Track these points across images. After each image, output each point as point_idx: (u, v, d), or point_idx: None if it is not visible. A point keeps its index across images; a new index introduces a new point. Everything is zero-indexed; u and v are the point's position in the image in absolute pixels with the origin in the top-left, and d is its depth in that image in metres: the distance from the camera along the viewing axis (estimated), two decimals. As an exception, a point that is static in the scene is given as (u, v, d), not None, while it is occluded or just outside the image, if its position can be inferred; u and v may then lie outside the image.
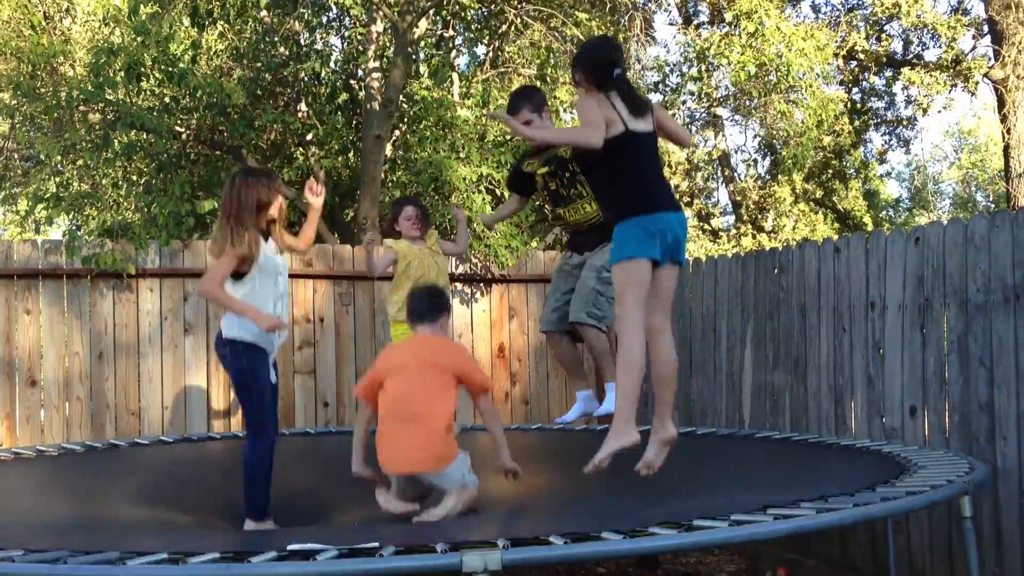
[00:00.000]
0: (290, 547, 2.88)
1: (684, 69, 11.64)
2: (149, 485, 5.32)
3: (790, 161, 12.59)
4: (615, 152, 3.98)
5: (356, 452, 4.61)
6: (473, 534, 4.57)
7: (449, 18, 10.04)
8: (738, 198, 15.80)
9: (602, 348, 5.00)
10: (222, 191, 4.70)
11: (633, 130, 3.99)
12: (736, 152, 17.30)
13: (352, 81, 10.10)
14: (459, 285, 7.74)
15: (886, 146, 17.78)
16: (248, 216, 4.58)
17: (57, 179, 10.27)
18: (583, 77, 4.07)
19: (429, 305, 4.61)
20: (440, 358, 4.46)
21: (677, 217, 4.05)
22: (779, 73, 9.78)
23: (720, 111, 14.40)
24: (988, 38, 13.75)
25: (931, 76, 13.17)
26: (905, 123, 16.57)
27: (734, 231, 15.59)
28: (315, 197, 5.09)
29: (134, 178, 10.03)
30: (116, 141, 8.23)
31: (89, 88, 7.94)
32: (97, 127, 8.39)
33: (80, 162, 9.02)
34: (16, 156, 11.62)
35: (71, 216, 10.36)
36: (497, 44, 10.38)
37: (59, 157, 9.12)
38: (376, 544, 2.86)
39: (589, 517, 4.53)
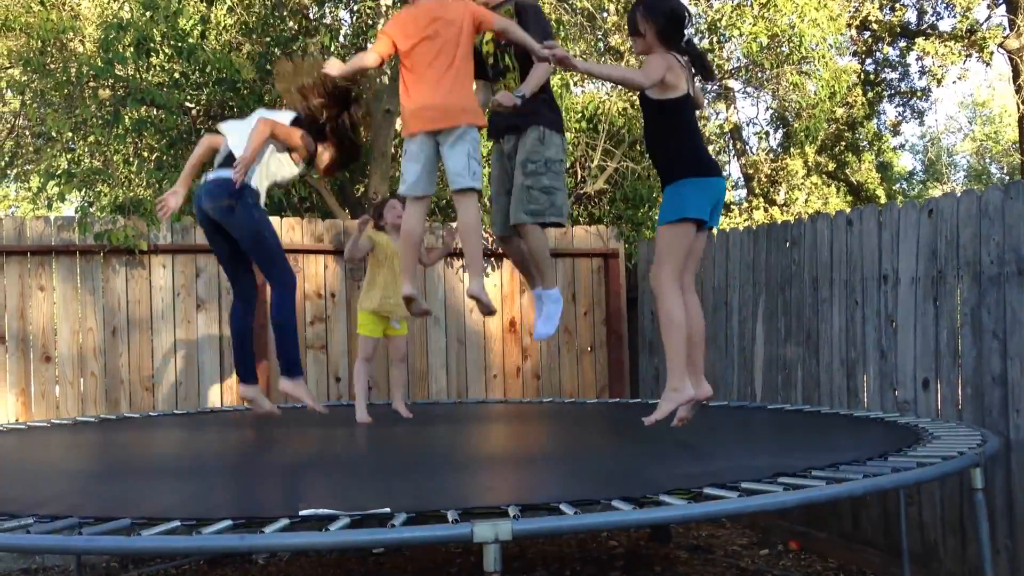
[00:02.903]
0: (302, 512, 2.90)
1: (695, 41, 11.55)
2: (161, 460, 5.36)
3: (802, 133, 12.51)
4: (676, 114, 3.96)
5: None
6: (484, 506, 4.60)
7: (458, -9, 9.97)
8: (750, 171, 15.71)
9: (541, 248, 4.71)
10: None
11: (690, 94, 4.00)
12: (748, 125, 17.20)
13: (362, 55, 10.05)
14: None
15: (900, 118, 17.65)
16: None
17: (68, 156, 10.28)
18: (653, 30, 3.95)
19: None
20: (451, 16, 4.38)
21: (723, 183, 4.09)
22: (791, 44, 9.70)
23: (732, 83, 14.29)
24: (1003, 7, 13.60)
25: (945, 46, 13.05)
26: (919, 94, 16.45)
27: (746, 204, 15.54)
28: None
29: (145, 154, 10.03)
30: (126, 117, 8.23)
31: (99, 64, 7.93)
32: (107, 103, 8.40)
33: (91, 138, 9.02)
34: (27, 133, 11.62)
35: (83, 193, 10.37)
36: (507, 17, 10.30)
37: (70, 133, 9.12)
38: (388, 510, 2.88)
39: (601, 490, 4.55)
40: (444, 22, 4.36)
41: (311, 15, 9.81)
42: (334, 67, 4.61)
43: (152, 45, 8.11)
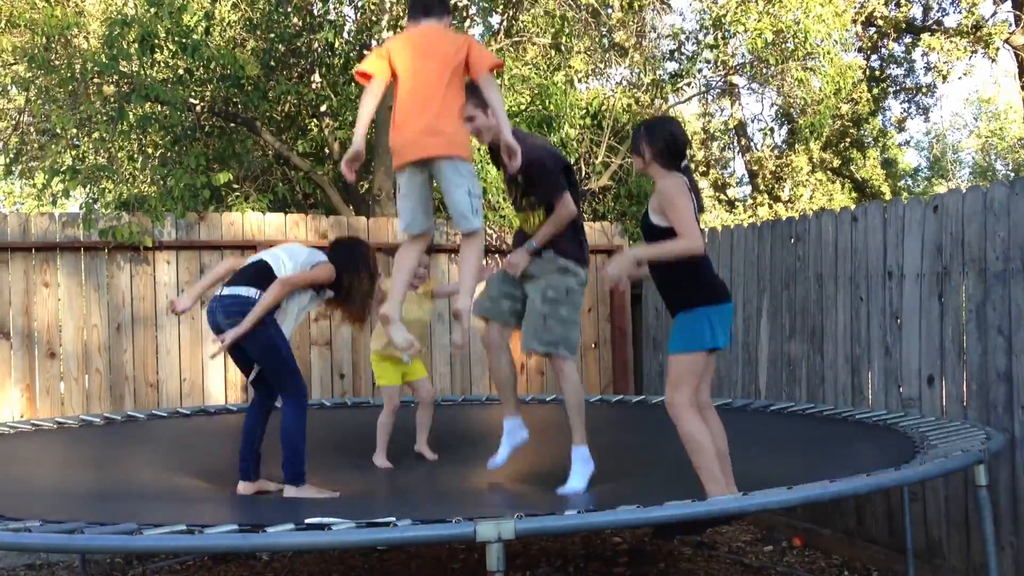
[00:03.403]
0: (308, 521, 2.90)
1: (700, 37, 11.52)
2: (167, 456, 5.37)
3: (807, 130, 12.48)
4: None
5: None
6: (487, 505, 4.61)
7: (463, -13, 9.96)
8: (754, 168, 15.70)
9: (575, 397, 4.57)
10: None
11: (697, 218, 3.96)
12: (752, 121, 17.16)
13: (366, 51, 10.05)
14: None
15: (905, 114, 17.60)
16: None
17: (73, 152, 10.29)
18: (652, 154, 3.99)
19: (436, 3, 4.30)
20: (446, 46, 4.19)
21: (732, 305, 4.06)
22: (796, 40, 9.68)
23: (736, 79, 14.25)
24: (1009, 3, 13.56)
25: (951, 42, 13.02)
26: (924, 90, 16.40)
27: (750, 201, 15.52)
28: None
29: (149, 151, 10.05)
30: (131, 113, 8.23)
31: (103, 60, 7.94)
32: (112, 99, 8.40)
33: (96, 135, 9.03)
34: (32, 129, 11.64)
35: (87, 189, 10.39)
36: (511, 13, 10.30)
37: (74, 130, 9.13)
38: (393, 519, 2.88)
39: (603, 488, 4.55)
40: (439, 47, 4.18)
41: (315, 11, 9.80)
42: (357, 153, 4.25)
43: (156, 41, 8.11)
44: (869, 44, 15.14)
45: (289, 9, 9.57)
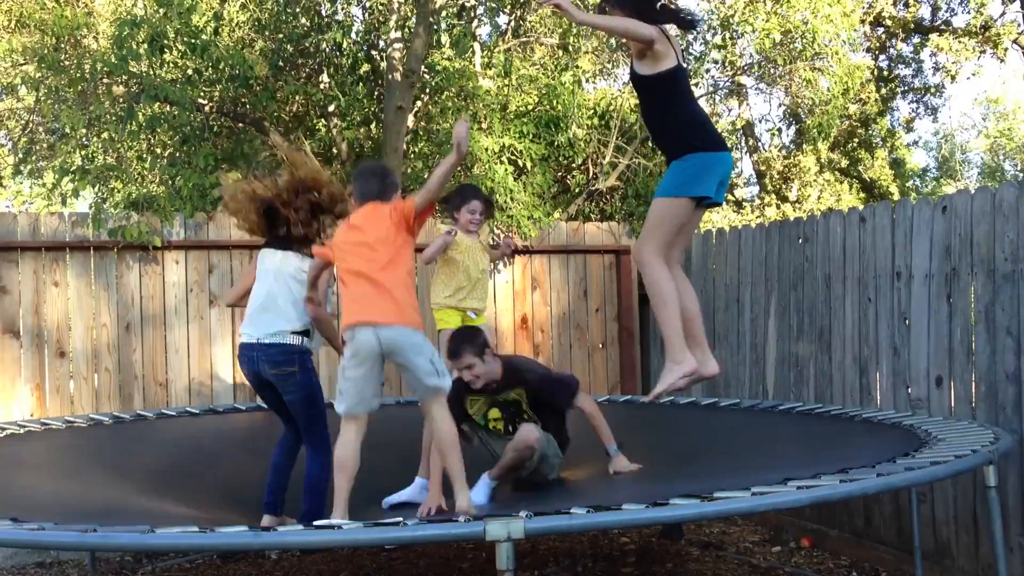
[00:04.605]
0: (317, 524, 2.92)
1: (708, 37, 11.50)
2: (176, 456, 5.39)
3: (815, 130, 12.44)
4: (672, 85, 3.78)
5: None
6: (496, 504, 4.61)
7: (471, -13, 9.97)
8: (762, 168, 15.66)
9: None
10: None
11: (683, 65, 3.81)
12: (760, 121, 17.10)
13: (374, 52, 10.07)
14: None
15: (913, 114, 17.54)
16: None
17: (82, 152, 10.32)
18: (623, 12, 3.77)
19: (380, 186, 4.30)
20: (381, 219, 4.18)
21: (731, 157, 3.89)
22: (804, 40, 9.66)
23: (744, 80, 14.22)
24: (1017, 3, 13.53)
25: (959, 42, 12.98)
26: (932, 91, 16.34)
27: (758, 201, 15.49)
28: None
29: (158, 151, 10.07)
30: (140, 114, 8.25)
31: (113, 60, 7.96)
32: (121, 100, 8.42)
33: (105, 135, 9.05)
34: (42, 129, 11.68)
35: (97, 189, 10.40)
36: (519, 13, 10.30)
37: (84, 130, 9.15)
38: (400, 519, 2.89)
39: (611, 488, 4.56)
40: (366, 224, 4.18)
41: (323, 11, 9.82)
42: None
43: (166, 42, 8.13)
44: (877, 44, 15.10)
45: (297, 10, 9.58)
